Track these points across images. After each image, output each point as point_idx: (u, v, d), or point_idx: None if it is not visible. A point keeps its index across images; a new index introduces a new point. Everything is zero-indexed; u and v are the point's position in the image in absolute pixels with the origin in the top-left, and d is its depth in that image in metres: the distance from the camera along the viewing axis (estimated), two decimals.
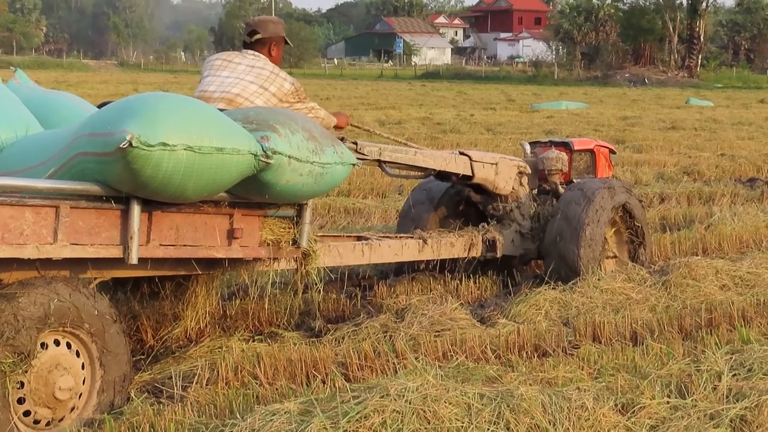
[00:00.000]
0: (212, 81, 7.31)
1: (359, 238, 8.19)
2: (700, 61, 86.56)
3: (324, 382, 6.19)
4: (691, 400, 5.80)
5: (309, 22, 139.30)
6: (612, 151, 10.65)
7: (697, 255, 10.29)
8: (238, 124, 5.86)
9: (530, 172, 9.37)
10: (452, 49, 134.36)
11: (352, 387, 5.74)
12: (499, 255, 9.00)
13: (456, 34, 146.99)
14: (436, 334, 7.20)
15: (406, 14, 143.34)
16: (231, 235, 6.26)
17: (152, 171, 5.30)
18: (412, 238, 8.47)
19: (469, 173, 8.81)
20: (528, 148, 9.93)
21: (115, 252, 5.65)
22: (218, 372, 6.27)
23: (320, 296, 8.03)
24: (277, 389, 6.08)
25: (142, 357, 6.94)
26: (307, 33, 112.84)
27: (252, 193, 6.12)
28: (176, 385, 6.08)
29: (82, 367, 5.62)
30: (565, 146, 9.97)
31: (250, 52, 7.40)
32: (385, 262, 8.75)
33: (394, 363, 6.56)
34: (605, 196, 8.98)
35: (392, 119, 30.70)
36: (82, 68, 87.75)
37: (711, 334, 7.31)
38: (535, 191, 9.59)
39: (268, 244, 6.54)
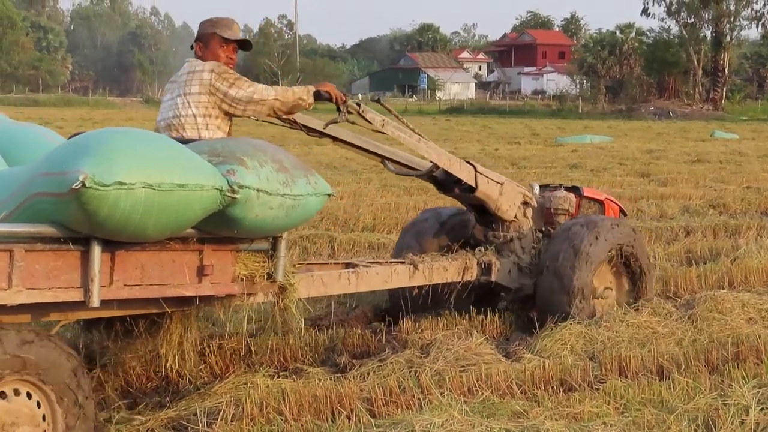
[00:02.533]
0: (160, 110, 7.08)
1: (348, 265, 7.96)
2: (724, 94, 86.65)
3: (349, 418, 6.17)
4: None
5: (333, 57, 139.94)
6: (623, 212, 10.32)
7: (723, 288, 10.24)
8: (203, 157, 5.66)
9: (536, 205, 9.12)
10: (476, 84, 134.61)
11: (378, 423, 5.74)
12: (493, 279, 8.73)
13: (480, 69, 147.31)
14: (462, 369, 7.18)
15: (430, 49, 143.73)
16: (201, 272, 5.99)
17: (109, 211, 5.08)
18: (403, 263, 8.24)
19: (472, 183, 8.49)
20: (537, 189, 9.58)
21: (76, 295, 5.41)
22: (243, 408, 6.25)
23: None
24: (302, 425, 6.08)
25: (166, 393, 6.97)
26: (331, 69, 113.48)
27: (220, 229, 5.88)
28: (201, 422, 6.07)
29: (43, 419, 5.32)
30: (574, 191, 9.79)
31: (188, 60, 7.10)
32: (375, 290, 8.48)
33: (419, 398, 6.54)
34: (593, 243, 8.64)
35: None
36: (107, 106, 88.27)
37: (738, 367, 7.25)
38: (539, 235, 9.22)
39: (242, 280, 6.25)
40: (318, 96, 7.26)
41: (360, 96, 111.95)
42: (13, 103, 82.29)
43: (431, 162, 8.39)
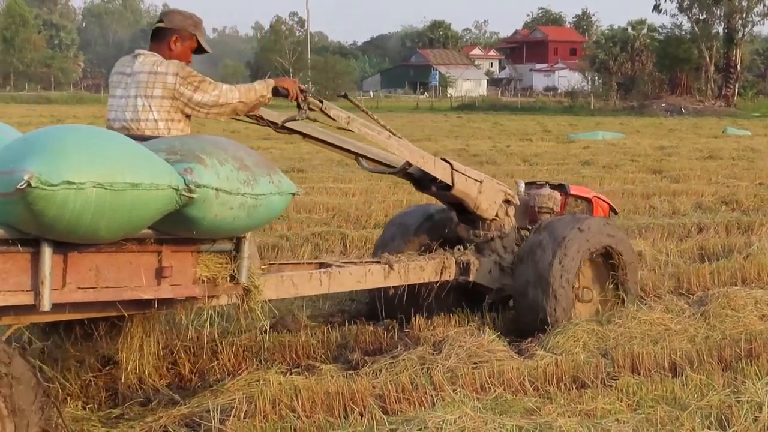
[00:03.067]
0: (111, 105, 6.76)
1: (321, 265, 7.72)
2: (737, 90, 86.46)
3: (362, 415, 6.16)
4: (732, 431, 5.76)
5: (344, 54, 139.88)
6: (613, 210, 10.02)
7: (736, 285, 10.21)
8: (160, 155, 5.45)
9: (518, 203, 8.85)
10: (488, 81, 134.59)
11: (390, 420, 5.74)
12: (471, 279, 8.47)
13: (491, 66, 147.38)
14: (474, 365, 7.17)
15: (442, 46, 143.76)
16: (160, 273, 5.73)
17: (57, 212, 4.88)
18: (379, 263, 8.00)
19: (449, 181, 8.26)
20: (522, 186, 9.39)
21: (26, 299, 5.22)
22: (256, 405, 6.25)
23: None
24: (315, 422, 6.07)
25: (179, 390, 6.98)
26: (342, 66, 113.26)
27: (179, 229, 5.64)
28: (214, 419, 6.06)
29: None
30: (560, 189, 9.52)
31: (142, 53, 6.74)
32: (348, 290, 8.32)
33: (431, 395, 6.54)
34: (557, 308, 8.19)
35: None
36: None
37: (751, 364, 7.24)
38: (525, 233, 8.98)
39: (204, 282, 5.98)
40: (276, 92, 7.06)
41: (371, 93, 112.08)
42: (25, 101, 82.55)
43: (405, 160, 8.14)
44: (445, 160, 8.33)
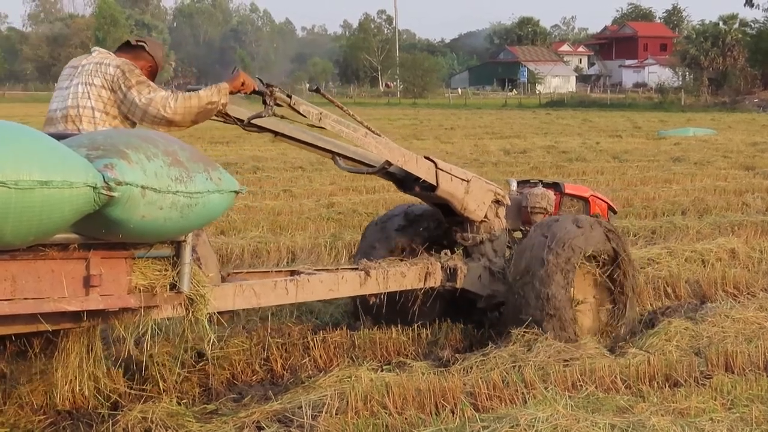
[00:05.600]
0: (56, 96, 6.51)
1: (293, 273, 7.37)
2: None
3: (453, 412, 6.17)
4: None
5: (433, 52, 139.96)
6: (612, 210, 9.42)
7: None
8: (81, 151, 4.93)
9: (509, 203, 8.37)
10: (577, 77, 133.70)
11: (482, 417, 5.73)
12: (458, 286, 8.03)
13: (580, 62, 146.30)
14: (565, 363, 7.15)
15: (530, 43, 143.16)
16: (87, 283, 5.21)
17: None
18: (356, 269, 7.60)
19: (433, 181, 7.78)
20: (514, 185, 8.92)
21: None
22: (347, 401, 6.27)
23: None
24: (406, 419, 6.09)
25: (272, 386, 7.05)
26: (431, 63, 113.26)
27: (103, 233, 5.08)
28: (306, 415, 6.09)
29: None
30: (555, 187, 8.98)
31: (98, 50, 6.57)
32: (321, 299, 7.92)
33: (523, 393, 6.53)
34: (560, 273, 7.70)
35: (517, 148, 30.60)
36: None
37: None
38: (519, 235, 8.63)
39: (140, 291, 5.43)
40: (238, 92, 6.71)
41: (459, 90, 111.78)
42: None
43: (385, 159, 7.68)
44: (428, 158, 7.85)
